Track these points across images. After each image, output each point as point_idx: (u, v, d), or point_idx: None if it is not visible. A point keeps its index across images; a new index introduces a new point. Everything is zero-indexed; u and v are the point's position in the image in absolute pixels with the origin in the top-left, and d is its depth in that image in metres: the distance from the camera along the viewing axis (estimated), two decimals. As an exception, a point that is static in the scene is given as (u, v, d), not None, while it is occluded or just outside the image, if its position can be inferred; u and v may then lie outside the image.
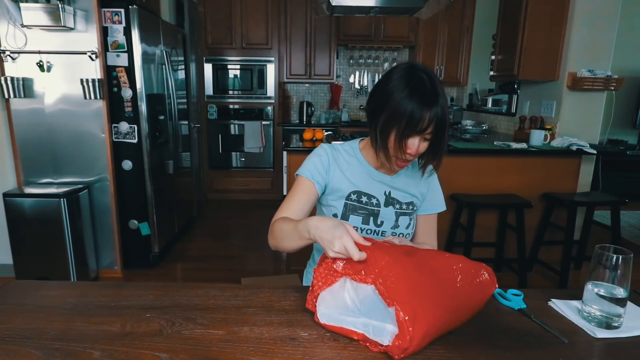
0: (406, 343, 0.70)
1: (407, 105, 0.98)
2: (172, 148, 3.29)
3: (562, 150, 2.83)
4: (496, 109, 4.26)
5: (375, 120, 1.05)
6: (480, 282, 0.83)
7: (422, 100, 0.97)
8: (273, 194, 4.82)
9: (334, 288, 0.83)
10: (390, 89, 1.01)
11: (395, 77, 1.02)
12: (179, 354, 0.74)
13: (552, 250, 2.99)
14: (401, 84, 1.00)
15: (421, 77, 1.00)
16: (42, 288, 0.99)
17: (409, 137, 1.01)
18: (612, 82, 3.03)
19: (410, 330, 0.69)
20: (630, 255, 0.83)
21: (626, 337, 0.83)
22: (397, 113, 0.99)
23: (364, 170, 1.17)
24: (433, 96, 0.98)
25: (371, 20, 4.57)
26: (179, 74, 3.58)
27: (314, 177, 1.14)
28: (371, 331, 0.75)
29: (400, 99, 0.99)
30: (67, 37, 2.48)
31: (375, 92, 1.07)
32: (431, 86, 0.99)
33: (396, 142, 1.02)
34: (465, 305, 0.80)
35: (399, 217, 1.18)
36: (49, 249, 2.50)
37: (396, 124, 1.00)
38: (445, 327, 0.78)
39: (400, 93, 0.99)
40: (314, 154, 1.18)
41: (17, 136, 2.58)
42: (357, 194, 1.16)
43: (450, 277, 0.80)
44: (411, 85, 0.99)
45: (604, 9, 3.01)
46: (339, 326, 0.80)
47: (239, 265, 3.11)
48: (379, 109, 1.04)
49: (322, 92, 5.24)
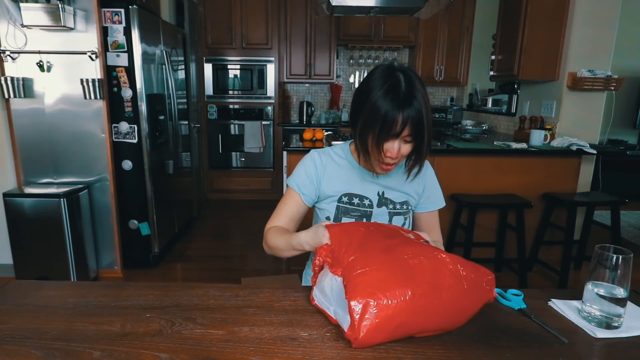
0: (354, 333, 0.73)
1: (381, 108, 0.96)
2: (172, 148, 3.29)
3: (562, 150, 2.83)
4: (496, 109, 4.26)
5: (355, 124, 1.05)
6: (475, 288, 0.81)
7: (395, 103, 0.95)
8: (273, 194, 4.82)
9: (322, 274, 0.90)
10: (367, 90, 1.00)
11: (373, 78, 1.01)
12: (179, 354, 0.74)
13: (552, 250, 2.99)
14: (377, 85, 0.98)
15: (397, 78, 0.97)
16: (42, 288, 0.99)
17: (385, 141, 1.00)
18: (612, 82, 3.03)
19: (356, 320, 0.72)
20: (630, 255, 0.83)
21: (626, 337, 0.83)
22: (371, 116, 0.97)
23: (355, 172, 1.17)
24: (407, 98, 0.95)
25: (371, 20, 4.57)
26: (179, 74, 3.58)
27: (301, 190, 1.16)
28: (340, 319, 0.81)
29: (375, 101, 0.97)
30: (67, 37, 2.48)
31: (355, 94, 1.06)
32: (407, 87, 0.96)
33: (374, 146, 1.01)
34: (450, 308, 0.78)
35: (393, 217, 1.18)
36: (49, 249, 2.50)
37: (371, 127, 0.98)
38: (419, 326, 0.77)
39: (375, 94, 0.97)
40: (303, 164, 1.19)
41: (17, 136, 2.58)
42: (349, 196, 1.16)
43: (437, 279, 0.78)
44: (386, 86, 0.97)
45: (604, 9, 3.01)
46: (324, 309, 0.86)
47: (239, 265, 3.11)
48: (357, 111, 1.03)
49: (322, 92, 5.24)
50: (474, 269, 0.83)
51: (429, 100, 1.01)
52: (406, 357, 0.74)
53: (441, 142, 3.16)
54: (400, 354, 0.75)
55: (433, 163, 1.33)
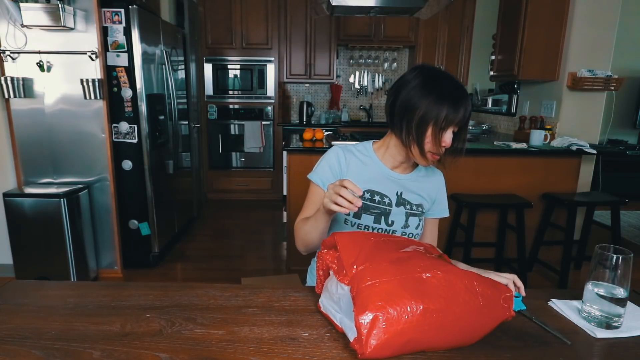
0: (362, 348, 0.70)
1: (445, 100, 1.04)
2: (172, 148, 3.29)
3: (562, 150, 2.83)
4: (496, 109, 4.26)
5: (409, 117, 1.08)
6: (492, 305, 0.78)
7: (458, 96, 1.05)
8: (273, 194, 4.82)
9: (329, 280, 0.88)
10: (421, 85, 1.07)
11: (423, 75, 1.09)
12: (179, 354, 0.74)
13: (552, 250, 2.99)
14: (433, 81, 1.07)
15: (447, 75, 1.10)
16: (42, 288, 0.99)
17: (446, 130, 1.06)
18: (612, 82, 3.03)
19: (364, 334, 0.69)
20: (630, 255, 0.83)
21: (626, 337, 0.83)
22: (435, 108, 1.05)
23: (378, 170, 1.20)
24: (464, 91, 1.07)
25: (371, 20, 4.57)
26: (179, 74, 3.58)
27: (325, 185, 1.17)
28: (346, 328, 0.79)
29: (438, 94, 1.05)
30: (67, 37, 2.48)
31: (401, 91, 1.10)
32: (458, 83, 1.09)
33: (434, 135, 1.07)
34: (464, 325, 0.76)
35: (409, 217, 1.19)
36: (49, 249, 2.50)
37: (433, 117, 1.05)
38: (430, 342, 0.74)
39: (435, 89, 1.06)
40: (326, 160, 1.21)
41: (17, 136, 2.58)
42: (371, 192, 1.18)
43: (450, 293, 0.75)
44: (443, 82, 1.07)
45: (604, 9, 3.01)
46: (329, 316, 0.84)
47: (239, 265, 3.11)
48: (413, 105, 1.08)
49: (322, 92, 5.24)
50: (490, 285, 0.80)
51: None
52: (406, 357, 0.74)
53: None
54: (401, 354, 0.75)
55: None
